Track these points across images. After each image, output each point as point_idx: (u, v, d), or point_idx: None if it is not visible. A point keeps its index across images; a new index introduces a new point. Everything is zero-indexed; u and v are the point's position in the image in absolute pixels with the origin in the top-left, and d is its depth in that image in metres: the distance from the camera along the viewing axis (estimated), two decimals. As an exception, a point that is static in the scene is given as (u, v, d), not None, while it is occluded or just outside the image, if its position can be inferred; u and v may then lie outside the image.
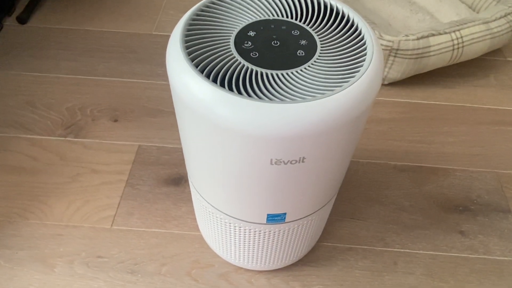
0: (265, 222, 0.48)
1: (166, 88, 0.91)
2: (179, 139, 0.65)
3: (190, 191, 0.67)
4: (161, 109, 0.87)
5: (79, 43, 1.01)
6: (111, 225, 0.69)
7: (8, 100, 0.87)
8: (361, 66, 0.37)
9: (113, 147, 0.80)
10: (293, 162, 0.38)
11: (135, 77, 0.94)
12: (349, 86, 0.35)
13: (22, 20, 1.04)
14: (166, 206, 0.71)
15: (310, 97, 0.34)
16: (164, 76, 0.93)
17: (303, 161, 0.38)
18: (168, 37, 0.40)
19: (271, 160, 0.37)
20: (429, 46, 0.86)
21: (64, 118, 0.84)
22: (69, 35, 1.03)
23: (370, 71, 0.37)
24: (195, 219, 0.69)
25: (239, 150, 0.37)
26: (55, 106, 0.87)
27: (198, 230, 0.68)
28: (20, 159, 0.77)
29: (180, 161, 0.78)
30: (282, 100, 0.34)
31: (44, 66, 0.95)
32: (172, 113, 0.85)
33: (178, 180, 0.75)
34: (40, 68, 0.94)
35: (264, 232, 0.51)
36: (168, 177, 0.76)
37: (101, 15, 1.09)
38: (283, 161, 0.37)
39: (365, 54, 0.38)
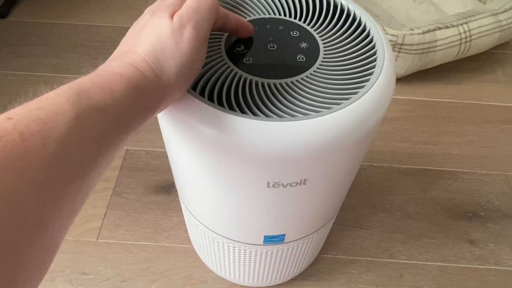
0: (262, 244, 0.44)
1: (155, 87, 0.86)
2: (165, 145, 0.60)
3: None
4: (150, 109, 0.82)
5: (63, 39, 0.95)
6: (97, 238, 0.64)
7: (-13, 101, 0.82)
8: (371, 73, 0.32)
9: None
10: (293, 184, 0.33)
11: (122, 75, 0.88)
12: (358, 98, 0.30)
13: (1, 14, 0.98)
14: (156, 217, 0.67)
15: (313, 113, 0.29)
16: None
17: (304, 183, 0.33)
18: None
19: (268, 183, 0.32)
20: (436, 41, 0.80)
21: (46, 121, 0.79)
22: (53, 30, 0.97)
23: (382, 79, 0.32)
24: (187, 230, 0.65)
25: (230, 173, 0.32)
26: (37, 107, 0.81)
27: (190, 242, 0.63)
28: (-1, 166, 0.72)
29: (170, 167, 0.73)
30: (281, 116, 0.29)
31: (26, 64, 0.89)
32: (162, 114, 0.80)
33: (169, 187, 0.70)
34: (21, 66, 0.88)
35: (261, 253, 0.46)
36: (158, 184, 0.71)
37: (87, 8, 1.03)
38: (282, 184, 0.33)
39: (375, 60, 0.33)
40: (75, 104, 0.21)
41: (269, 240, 0.43)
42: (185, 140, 0.32)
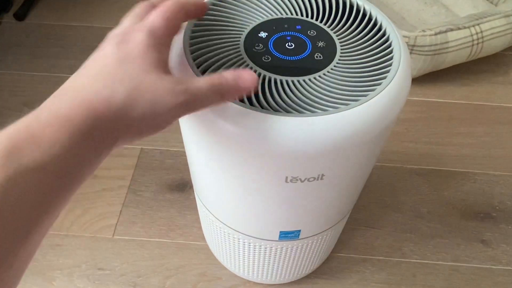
0: (277, 239, 0.45)
1: (169, 88, 0.87)
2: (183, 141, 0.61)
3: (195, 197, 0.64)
4: (164, 109, 0.83)
5: (79, 41, 0.97)
6: (113, 235, 0.65)
7: (5, 101, 0.83)
8: (388, 71, 0.33)
9: (114, 150, 0.76)
10: (311, 179, 0.34)
11: (137, 76, 0.89)
12: (376, 95, 0.31)
13: (19, 16, 1.00)
14: (170, 214, 0.68)
15: (332, 109, 0.30)
16: (167, 74, 0.89)
17: (322, 179, 0.34)
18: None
19: (287, 178, 0.33)
20: (447, 42, 0.81)
21: (63, 120, 0.81)
22: (69, 32, 0.99)
23: (398, 76, 0.33)
24: (201, 227, 0.66)
25: (250, 167, 0.33)
26: (54, 107, 0.83)
27: (204, 239, 0.64)
28: (17, 164, 0.74)
29: (185, 166, 0.74)
30: (300, 112, 0.30)
31: (43, 65, 0.91)
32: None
33: (183, 185, 0.71)
34: (38, 67, 0.90)
35: (276, 249, 0.47)
36: (172, 182, 0.72)
37: (102, 11, 1.05)
38: (300, 179, 0.33)
39: (392, 58, 0.34)
40: (5, 166, 0.18)
41: (285, 236, 0.44)
42: (206, 136, 0.33)
